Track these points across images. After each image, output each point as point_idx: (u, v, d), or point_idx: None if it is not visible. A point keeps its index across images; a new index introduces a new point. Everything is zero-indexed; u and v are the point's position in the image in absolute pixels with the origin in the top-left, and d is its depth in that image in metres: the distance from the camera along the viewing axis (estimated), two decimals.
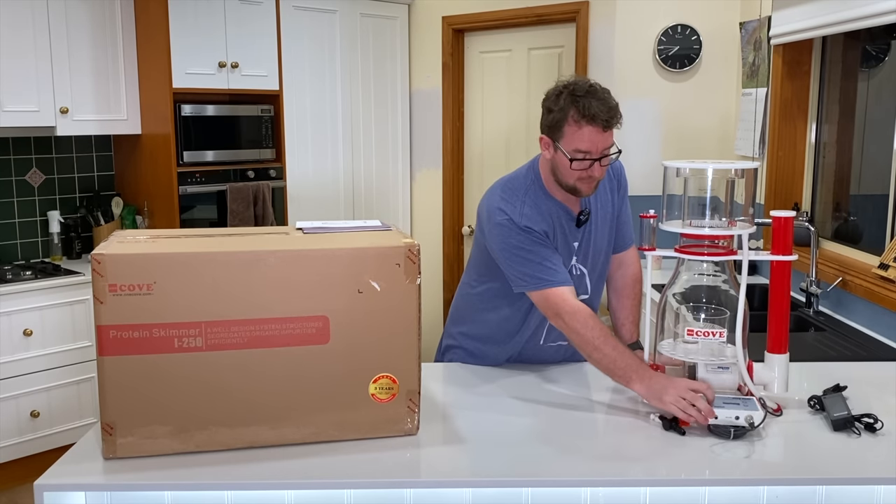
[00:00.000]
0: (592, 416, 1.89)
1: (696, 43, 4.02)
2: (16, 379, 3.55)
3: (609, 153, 1.97)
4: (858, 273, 2.95)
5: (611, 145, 1.97)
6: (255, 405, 1.63)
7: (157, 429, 1.61)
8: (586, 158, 1.95)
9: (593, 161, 1.95)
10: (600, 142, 1.93)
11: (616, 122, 1.95)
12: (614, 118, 1.93)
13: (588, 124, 1.91)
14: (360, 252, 1.64)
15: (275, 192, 4.33)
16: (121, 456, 1.60)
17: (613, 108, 1.94)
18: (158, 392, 1.59)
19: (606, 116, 1.91)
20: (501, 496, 1.59)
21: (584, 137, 1.93)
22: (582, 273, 2.15)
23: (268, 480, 1.54)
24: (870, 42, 3.21)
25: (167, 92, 3.91)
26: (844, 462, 1.63)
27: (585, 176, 1.98)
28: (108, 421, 1.59)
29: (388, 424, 1.69)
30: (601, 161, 1.96)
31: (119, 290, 1.54)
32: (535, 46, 4.53)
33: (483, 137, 4.82)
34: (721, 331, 1.83)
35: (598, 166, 1.97)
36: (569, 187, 2.02)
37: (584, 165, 1.96)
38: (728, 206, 1.89)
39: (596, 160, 1.95)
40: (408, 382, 1.68)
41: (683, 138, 4.11)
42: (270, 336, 1.61)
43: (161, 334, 1.57)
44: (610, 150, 1.97)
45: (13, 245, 4.06)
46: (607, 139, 1.95)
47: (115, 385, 1.58)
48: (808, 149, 3.57)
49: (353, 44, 4.65)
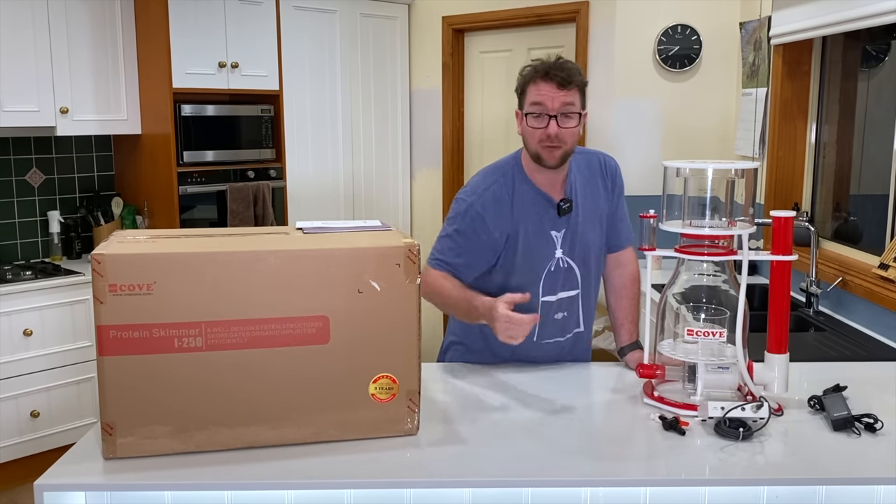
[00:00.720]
0: (592, 416, 1.89)
1: (696, 43, 4.02)
2: (16, 379, 3.56)
3: (569, 112, 1.99)
4: (858, 273, 2.95)
5: (570, 104, 1.99)
6: (256, 405, 1.63)
7: (157, 429, 1.60)
8: (542, 113, 1.98)
9: (550, 118, 1.97)
10: (556, 97, 1.97)
11: (575, 82, 1.98)
12: (572, 78, 1.98)
13: (542, 80, 1.98)
14: (359, 252, 1.64)
15: (275, 192, 4.34)
16: (121, 456, 1.60)
17: (571, 69, 1.99)
18: (158, 392, 1.59)
19: (563, 74, 1.97)
20: (501, 496, 1.59)
21: (539, 91, 1.99)
22: (570, 266, 2.15)
23: (268, 480, 1.54)
24: (870, 42, 3.21)
25: (167, 92, 3.91)
26: (844, 462, 1.63)
27: (544, 136, 1.99)
28: (108, 421, 1.59)
29: (388, 424, 1.69)
30: (558, 119, 1.98)
31: (119, 290, 1.54)
32: (535, 46, 4.53)
33: (483, 137, 4.82)
34: (721, 331, 1.83)
35: (556, 125, 1.98)
36: (535, 155, 2.04)
37: (540, 123, 1.99)
38: (728, 206, 1.89)
39: (552, 117, 1.98)
40: (408, 382, 1.68)
41: (683, 138, 4.11)
42: (270, 336, 1.61)
43: (161, 334, 1.57)
44: (570, 109, 1.99)
45: (13, 245, 4.06)
46: (564, 97, 1.98)
47: (115, 385, 1.58)
48: (808, 149, 3.57)
49: (353, 44, 4.65)
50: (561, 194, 2.12)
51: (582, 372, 2.18)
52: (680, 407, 1.83)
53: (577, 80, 1.99)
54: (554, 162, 2.04)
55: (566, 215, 2.11)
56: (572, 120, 2.00)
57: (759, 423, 1.72)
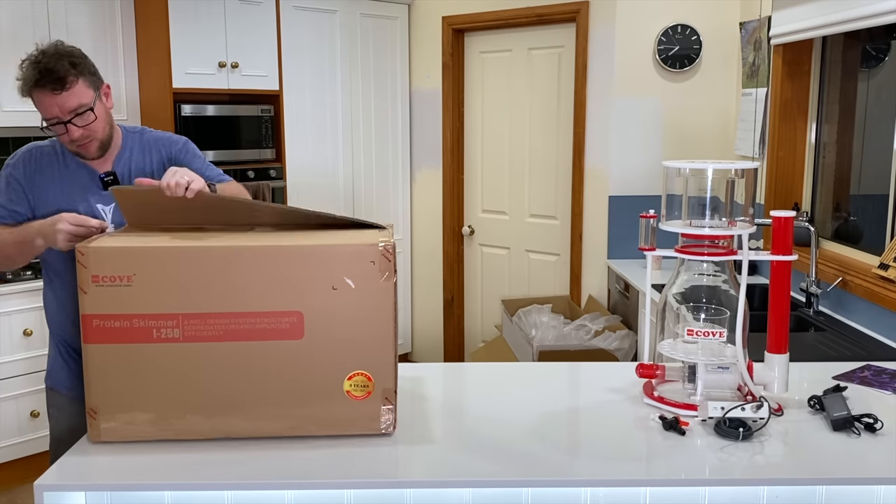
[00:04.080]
0: (592, 416, 1.89)
1: (696, 43, 4.02)
2: (16, 379, 3.56)
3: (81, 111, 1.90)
4: (858, 273, 2.95)
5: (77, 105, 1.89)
6: (231, 397, 1.66)
7: (138, 415, 1.66)
8: (58, 123, 1.90)
9: (65, 124, 1.90)
10: (58, 103, 1.88)
11: (69, 78, 1.87)
12: (64, 76, 1.86)
13: (37, 89, 1.87)
14: (334, 249, 1.66)
15: (275, 191, 4.33)
16: (105, 440, 1.66)
17: (57, 66, 1.86)
18: (138, 380, 1.64)
19: (53, 77, 1.85)
20: (501, 496, 1.59)
21: (41, 103, 1.89)
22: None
23: (268, 480, 1.55)
24: (870, 42, 3.21)
25: (167, 92, 3.91)
26: (844, 462, 1.63)
27: (69, 140, 1.94)
28: (93, 405, 1.65)
29: (363, 422, 1.70)
30: (74, 122, 1.90)
31: (101, 280, 1.61)
32: (535, 46, 4.53)
33: (483, 137, 4.82)
34: (721, 331, 1.83)
35: (76, 128, 1.91)
36: (74, 153, 1.99)
37: (59, 130, 1.92)
38: (728, 206, 1.89)
39: (67, 122, 1.90)
40: (383, 381, 1.69)
41: (683, 138, 4.11)
42: (245, 330, 1.64)
43: (140, 325, 1.63)
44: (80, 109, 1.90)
45: None
46: (66, 100, 1.88)
47: (99, 371, 1.64)
48: (808, 149, 3.57)
49: (353, 44, 4.65)
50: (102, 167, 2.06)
51: (582, 372, 2.18)
52: (680, 407, 1.84)
53: (73, 74, 1.88)
54: (94, 154, 2.00)
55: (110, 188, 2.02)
56: (89, 115, 1.92)
57: (759, 423, 1.72)
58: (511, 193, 4.74)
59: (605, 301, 4.30)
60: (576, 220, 4.36)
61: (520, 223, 4.73)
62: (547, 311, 4.07)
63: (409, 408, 1.89)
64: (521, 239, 4.73)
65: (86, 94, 1.92)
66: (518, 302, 4.20)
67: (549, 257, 4.61)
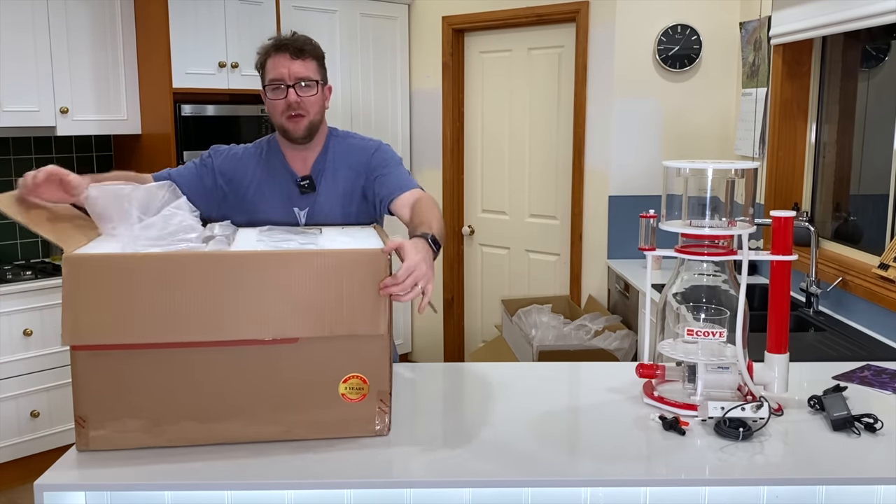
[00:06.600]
0: (592, 416, 1.89)
1: (696, 43, 4.03)
2: (16, 379, 3.56)
3: (306, 80, 2.04)
4: (858, 273, 2.95)
5: (306, 74, 2.04)
6: (225, 402, 1.64)
7: (129, 423, 1.63)
8: (279, 86, 2.03)
9: (288, 87, 2.03)
10: (290, 67, 2.03)
11: (308, 51, 2.05)
12: (304, 48, 2.05)
13: (276, 53, 2.05)
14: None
15: None
16: (94, 449, 1.63)
17: (303, 41, 2.06)
18: (129, 387, 1.62)
19: (295, 45, 2.04)
20: (501, 496, 1.59)
21: (274, 65, 2.04)
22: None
23: (268, 480, 1.54)
24: (870, 42, 3.21)
25: (167, 92, 3.91)
26: (844, 462, 1.63)
27: (285, 106, 2.04)
28: (81, 414, 1.62)
29: (358, 424, 1.69)
30: (296, 88, 2.03)
31: None
32: (535, 46, 4.53)
33: (483, 137, 4.82)
34: (721, 331, 1.83)
35: (295, 94, 2.03)
36: (281, 128, 2.08)
37: (279, 94, 2.04)
38: (728, 206, 1.89)
39: (290, 86, 2.03)
40: (378, 383, 1.68)
41: (683, 138, 4.11)
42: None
43: None
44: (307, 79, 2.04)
45: (13, 245, 4.06)
46: (299, 68, 2.03)
47: (87, 379, 1.61)
48: (808, 149, 3.57)
49: (354, 44, 4.65)
50: (303, 169, 2.13)
51: (582, 372, 2.18)
52: (680, 407, 1.84)
53: (311, 50, 2.06)
54: (300, 132, 2.06)
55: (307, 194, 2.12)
56: (311, 89, 2.05)
57: (759, 423, 1.72)
58: (511, 193, 4.74)
59: (605, 301, 4.30)
60: (576, 220, 4.36)
61: (520, 223, 4.73)
62: (547, 311, 4.07)
63: (410, 407, 1.89)
64: (521, 239, 4.73)
65: (315, 72, 2.07)
66: (518, 302, 4.20)
67: (549, 257, 4.61)
